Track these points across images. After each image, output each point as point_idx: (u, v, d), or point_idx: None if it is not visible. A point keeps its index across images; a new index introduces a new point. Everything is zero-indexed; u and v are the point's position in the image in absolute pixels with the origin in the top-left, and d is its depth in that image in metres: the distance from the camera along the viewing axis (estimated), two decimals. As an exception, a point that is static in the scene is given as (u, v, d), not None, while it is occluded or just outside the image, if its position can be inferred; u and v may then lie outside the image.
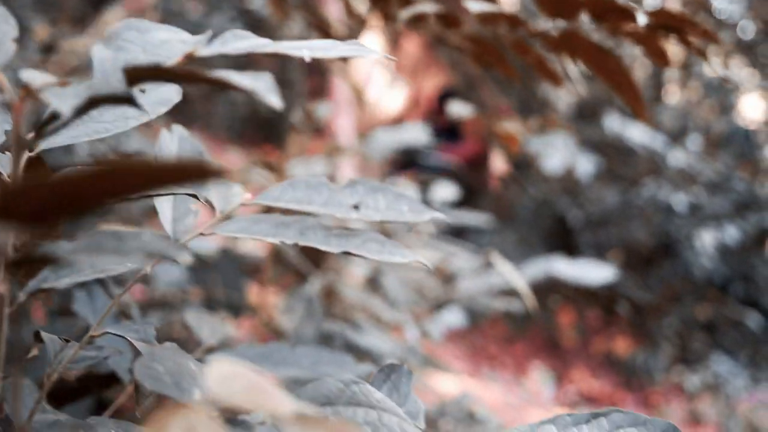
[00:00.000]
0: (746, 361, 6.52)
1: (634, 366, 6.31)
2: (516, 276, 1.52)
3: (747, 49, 8.07)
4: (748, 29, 8.29)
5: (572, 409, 5.78)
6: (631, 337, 6.70)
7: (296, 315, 2.00)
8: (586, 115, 8.11)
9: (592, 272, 2.54)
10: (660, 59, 1.16)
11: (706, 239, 6.44)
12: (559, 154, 6.47)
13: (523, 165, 7.80)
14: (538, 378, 6.22)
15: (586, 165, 6.36)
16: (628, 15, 1.06)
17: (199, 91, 9.63)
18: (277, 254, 2.44)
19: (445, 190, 2.99)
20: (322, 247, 0.77)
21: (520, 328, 6.74)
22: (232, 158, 8.43)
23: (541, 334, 6.88)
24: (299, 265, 2.17)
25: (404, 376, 0.78)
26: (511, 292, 2.63)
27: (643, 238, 6.76)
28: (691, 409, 5.66)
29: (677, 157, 6.65)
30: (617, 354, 6.58)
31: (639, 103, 1.21)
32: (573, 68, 1.27)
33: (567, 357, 6.68)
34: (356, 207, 0.79)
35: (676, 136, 7.59)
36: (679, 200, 6.42)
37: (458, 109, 1.86)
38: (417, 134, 2.56)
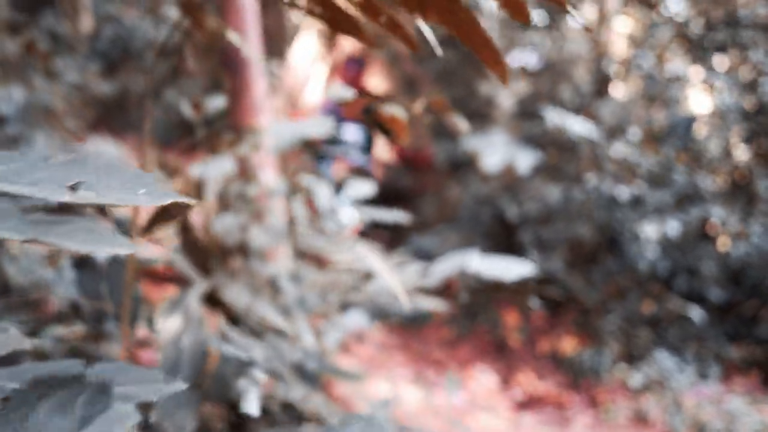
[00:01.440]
0: (691, 356, 6.44)
1: (581, 365, 6.19)
2: (388, 273, 1.36)
3: (691, 45, 8.03)
4: (693, 25, 8.25)
5: (519, 411, 5.68)
6: (577, 336, 6.59)
7: (173, 325, 1.83)
8: (528, 111, 8.03)
9: (509, 268, 2.39)
10: (519, 13, 1.01)
11: (649, 232, 6.36)
12: (497, 151, 6.38)
13: (465, 163, 7.70)
14: (481, 377, 6.09)
15: (525, 161, 6.27)
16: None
17: (135, 97, 9.42)
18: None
19: (361, 187, 2.85)
20: (5, 235, 0.60)
21: (464, 331, 6.60)
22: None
23: (486, 337, 6.74)
24: (182, 269, 1.99)
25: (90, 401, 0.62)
26: (431, 291, 2.49)
27: (587, 233, 6.66)
28: (636, 406, 5.55)
29: (618, 150, 6.56)
30: (563, 353, 6.46)
31: (498, 63, 1.05)
32: (427, 30, 1.10)
33: (513, 358, 6.55)
34: (73, 187, 0.63)
35: (617, 130, 7.52)
36: (622, 192, 6.33)
37: (338, 91, 1.69)
38: (317, 128, 2.39)
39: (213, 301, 2.06)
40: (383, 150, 7.83)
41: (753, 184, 7.37)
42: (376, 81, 7.73)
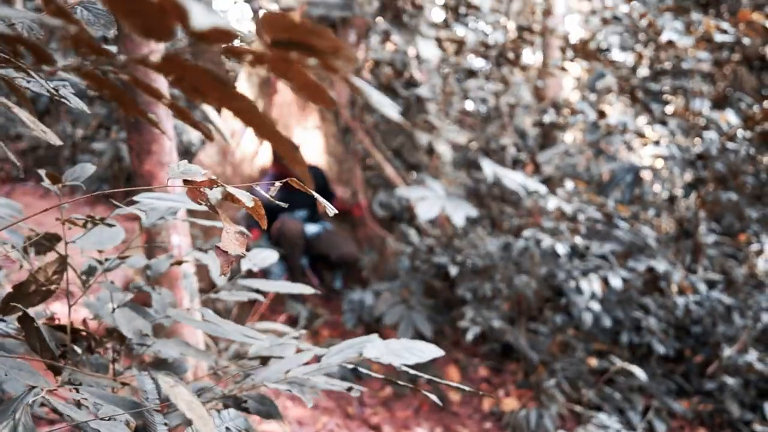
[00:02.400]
0: (638, 412, 6.26)
1: (525, 424, 5.96)
2: (186, 400, 1.12)
3: (635, 93, 7.97)
4: (637, 73, 8.22)
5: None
6: (520, 394, 6.37)
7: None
8: (469, 161, 7.88)
9: (411, 353, 2.16)
10: (316, 95, 0.78)
11: (593, 286, 6.19)
12: (433, 203, 6.19)
13: (403, 215, 7.52)
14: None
15: (461, 213, 6.09)
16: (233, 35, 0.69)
17: (68, 151, 9.13)
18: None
19: (264, 255, 2.63)
20: None
21: (403, 391, 6.34)
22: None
23: (425, 396, 6.49)
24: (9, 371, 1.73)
25: None
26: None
27: (529, 287, 6.47)
28: (581, 470, 5.33)
29: (558, 202, 6.41)
30: (506, 412, 6.22)
31: (293, 155, 0.83)
32: (213, 113, 0.87)
33: (454, 418, 6.30)
34: None
35: (559, 181, 7.40)
36: (562, 245, 6.16)
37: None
38: (183, 200, 2.18)
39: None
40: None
41: (697, 234, 7.27)
42: (310, 131, 7.52)
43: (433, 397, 1.92)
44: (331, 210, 1.41)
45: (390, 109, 0.85)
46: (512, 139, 7.91)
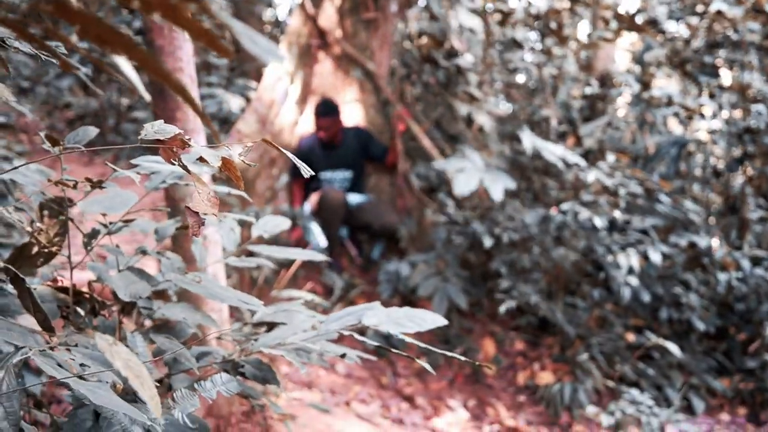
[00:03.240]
0: (676, 389, 6.18)
1: (559, 399, 5.92)
2: (123, 359, 1.11)
3: (683, 66, 7.81)
4: (686, 46, 8.05)
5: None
6: (556, 368, 6.32)
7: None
8: (509, 133, 7.80)
9: (413, 322, 2.15)
10: (211, 43, 0.76)
11: (632, 260, 6.09)
12: (471, 175, 6.13)
13: (440, 187, 7.48)
14: (452, 411, 5.82)
15: (499, 186, 6.03)
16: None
17: (113, 120, 9.22)
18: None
19: (269, 225, 2.63)
20: None
21: (437, 362, 6.33)
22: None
23: (460, 367, 6.48)
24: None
25: None
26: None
27: (566, 261, 6.40)
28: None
29: (592, 174, 6.31)
30: (541, 385, 6.18)
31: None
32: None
33: (487, 390, 6.28)
34: None
35: (602, 154, 7.29)
36: (601, 219, 6.07)
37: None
38: (191, 164, 2.17)
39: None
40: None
41: (744, 210, 7.12)
42: (350, 104, 7.49)
43: (427, 367, 1.90)
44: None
45: (268, 53, 0.83)
46: (555, 112, 7.80)
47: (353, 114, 7.47)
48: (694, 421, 5.83)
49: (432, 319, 2.18)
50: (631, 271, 6.15)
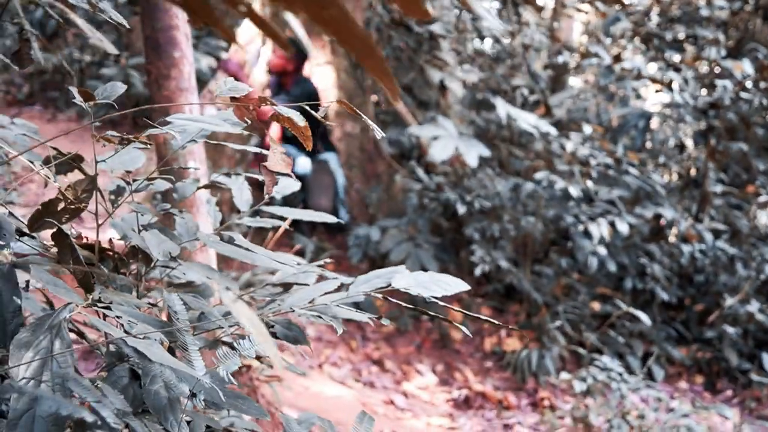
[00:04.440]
0: (637, 357, 6.32)
1: (525, 365, 6.01)
2: (263, 335, 1.12)
3: (649, 39, 7.90)
4: (652, 19, 8.14)
5: (461, 411, 5.48)
6: (522, 335, 6.41)
7: (33, 354, 1.56)
8: (480, 101, 7.83)
9: (439, 286, 2.16)
10: (410, 6, 0.76)
11: (601, 230, 6.19)
12: (446, 142, 6.16)
13: (413, 154, 7.49)
14: (420, 375, 5.89)
15: (474, 153, 6.07)
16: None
17: (75, 76, 9.05)
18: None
19: (285, 183, 2.61)
20: None
21: (405, 327, 6.39)
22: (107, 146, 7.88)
23: (428, 332, 6.54)
24: (45, 282, 1.72)
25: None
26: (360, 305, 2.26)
27: (536, 230, 6.48)
28: (580, 410, 5.38)
29: (570, 145, 6.38)
30: (508, 352, 6.28)
31: (383, 73, 0.81)
32: (298, 26, 0.84)
33: (455, 355, 6.36)
34: None
35: (570, 124, 7.36)
36: (573, 189, 6.14)
37: (232, 89, 1.44)
38: (227, 124, 2.13)
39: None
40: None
41: (705, 183, 7.26)
42: (322, 66, 7.45)
43: (465, 329, 1.91)
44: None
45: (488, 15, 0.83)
46: (525, 81, 7.84)
47: (325, 77, 7.42)
48: (656, 388, 5.97)
49: (456, 284, 2.19)
50: (601, 240, 6.24)
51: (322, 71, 7.41)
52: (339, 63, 7.45)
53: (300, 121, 1.31)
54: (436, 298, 2.05)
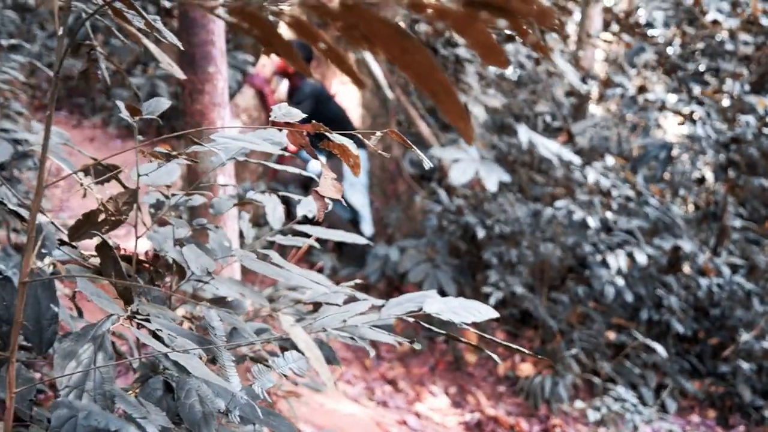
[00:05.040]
0: (651, 389, 6.31)
1: (540, 390, 6.02)
2: (314, 354, 1.15)
3: (672, 71, 7.92)
4: (674, 51, 8.17)
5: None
6: (536, 360, 6.41)
7: (76, 364, 1.59)
8: (502, 125, 7.86)
9: (470, 312, 2.19)
10: (491, 55, 0.79)
11: (619, 260, 6.19)
12: (467, 166, 6.19)
13: (434, 176, 7.52)
14: (433, 397, 5.90)
15: (494, 178, 6.09)
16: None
17: (101, 84, 9.12)
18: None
19: (313, 204, 2.65)
20: None
21: (420, 348, 6.40)
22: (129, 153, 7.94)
23: (442, 353, 6.56)
24: (90, 294, 1.75)
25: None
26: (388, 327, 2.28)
27: (554, 256, 6.50)
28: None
29: (592, 174, 6.40)
30: (521, 377, 6.28)
31: (459, 116, 0.84)
32: (374, 63, 0.88)
33: (468, 378, 6.36)
34: None
35: (592, 153, 7.38)
36: (593, 218, 6.16)
37: (283, 113, 1.47)
38: (270, 144, 2.17)
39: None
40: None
41: (724, 218, 7.25)
42: (347, 84, 7.50)
43: (495, 357, 1.93)
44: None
45: (572, 76, 0.87)
46: (548, 108, 7.88)
47: (349, 96, 7.47)
48: (668, 420, 5.96)
49: (485, 311, 2.22)
50: (619, 271, 6.25)
51: (347, 90, 7.47)
52: (364, 82, 7.49)
53: (353, 149, 1.34)
54: (466, 324, 2.08)
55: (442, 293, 6.41)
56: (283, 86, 7.21)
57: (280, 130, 2.31)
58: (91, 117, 8.85)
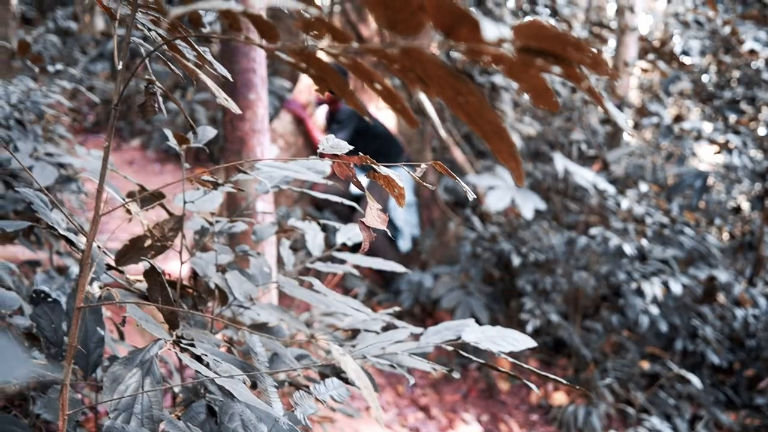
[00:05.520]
0: (686, 420, 6.25)
1: (573, 420, 5.98)
2: (362, 381, 1.18)
3: (707, 99, 7.90)
4: (710, 79, 8.15)
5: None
6: (569, 389, 6.39)
7: (124, 387, 1.63)
8: (537, 152, 7.87)
9: (507, 341, 2.21)
10: (543, 98, 0.82)
11: (655, 289, 6.16)
12: (503, 193, 6.21)
13: (468, 203, 7.53)
14: (465, 425, 5.88)
15: (530, 205, 6.10)
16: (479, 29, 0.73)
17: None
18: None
19: (352, 232, 2.68)
20: None
21: (456, 377, 6.40)
22: (167, 177, 8.06)
23: (475, 381, 6.54)
24: (138, 318, 1.79)
25: None
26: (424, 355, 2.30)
27: (589, 285, 6.48)
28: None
29: (627, 202, 6.38)
30: (554, 406, 6.25)
31: (511, 157, 0.87)
32: (428, 104, 0.91)
33: (501, 406, 6.34)
34: None
35: (627, 181, 7.37)
36: (628, 246, 6.14)
37: (329, 146, 1.51)
38: (313, 173, 2.21)
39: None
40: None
41: (760, 248, 7.20)
42: (385, 108, 7.56)
43: (533, 386, 1.95)
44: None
45: (621, 119, 0.90)
46: (583, 135, 7.88)
47: (386, 120, 7.53)
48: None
49: (524, 341, 2.23)
50: (654, 300, 6.22)
51: (385, 115, 7.53)
52: (400, 108, 7.56)
53: (398, 181, 1.37)
54: (504, 353, 2.10)
55: (475, 320, 6.42)
56: (321, 111, 7.29)
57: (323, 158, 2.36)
58: (131, 141, 8.98)
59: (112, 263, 2.10)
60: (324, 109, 7.19)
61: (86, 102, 9.75)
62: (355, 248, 6.64)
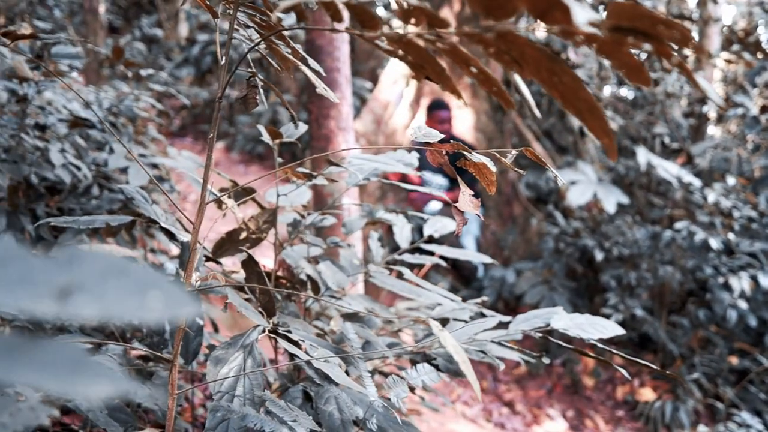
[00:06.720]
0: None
1: (660, 416, 5.92)
2: (460, 355, 1.23)
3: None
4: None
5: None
6: (656, 385, 6.32)
7: (227, 370, 1.71)
8: (619, 147, 7.79)
9: (596, 328, 2.23)
10: (636, 75, 0.86)
11: (743, 283, 6.06)
12: (585, 187, 6.18)
13: (550, 196, 7.51)
14: (550, 421, 5.87)
15: (613, 200, 6.06)
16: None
17: (224, 111, 9.47)
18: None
19: (438, 225, 2.73)
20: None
21: (537, 370, 6.39)
22: (251, 177, 8.22)
23: (559, 376, 6.52)
24: (240, 306, 1.86)
25: None
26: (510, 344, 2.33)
27: (674, 279, 6.40)
28: (716, 467, 5.27)
29: (712, 196, 6.29)
30: (641, 402, 6.19)
31: (605, 133, 0.91)
32: (524, 87, 0.96)
33: (586, 402, 6.31)
34: (64, 294, 0.49)
35: (712, 174, 7.25)
36: (715, 240, 6.05)
37: (424, 134, 1.56)
38: (401, 165, 2.27)
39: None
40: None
41: None
42: (463, 107, 7.58)
43: (624, 372, 1.96)
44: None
45: (713, 94, 0.93)
46: (666, 129, 7.78)
47: (465, 119, 7.55)
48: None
49: (612, 328, 2.24)
50: (742, 294, 6.11)
51: (463, 114, 7.55)
52: (480, 106, 7.58)
53: (492, 167, 1.42)
54: (594, 340, 2.11)
55: (560, 315, 6.41)
56: (404, 115, 7.38)
57: (409, 151, 2.41)
58: (215, 142, 9.18)
59: (209, 256, 2.19)
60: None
61: (171, 106, 10.00)
62: (440, 243, 6.72)
